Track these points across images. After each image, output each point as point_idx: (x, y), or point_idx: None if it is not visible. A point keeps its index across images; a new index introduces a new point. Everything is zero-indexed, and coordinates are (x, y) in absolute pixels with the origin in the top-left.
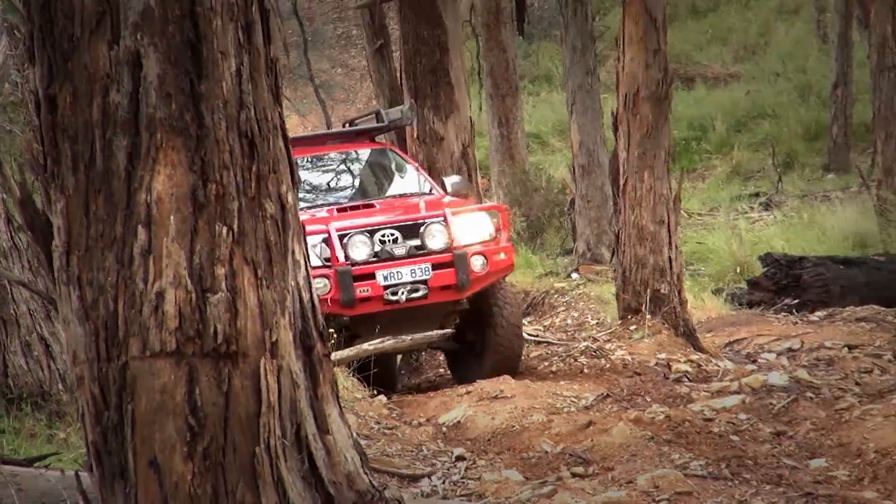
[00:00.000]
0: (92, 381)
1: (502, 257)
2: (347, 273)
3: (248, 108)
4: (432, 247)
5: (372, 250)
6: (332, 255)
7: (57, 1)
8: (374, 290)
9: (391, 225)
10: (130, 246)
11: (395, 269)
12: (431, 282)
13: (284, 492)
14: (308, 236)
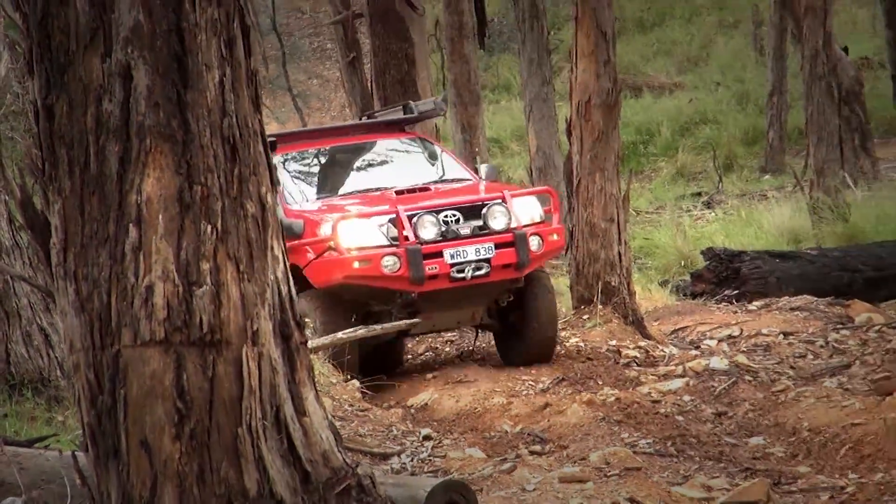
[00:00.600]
0: (87, 367)
1: (555, 238)
2: (417, 251)
3: (231, 115)
4: (494, 227)
5: (439, 230)
6: (399, 234)
7: (53, 18)
8: (441, 267)
9: (455, 206)
10: (122, 243)
11: (461, 247)
12: (494, 260)
13: (265, 469)
14: (375, 217)
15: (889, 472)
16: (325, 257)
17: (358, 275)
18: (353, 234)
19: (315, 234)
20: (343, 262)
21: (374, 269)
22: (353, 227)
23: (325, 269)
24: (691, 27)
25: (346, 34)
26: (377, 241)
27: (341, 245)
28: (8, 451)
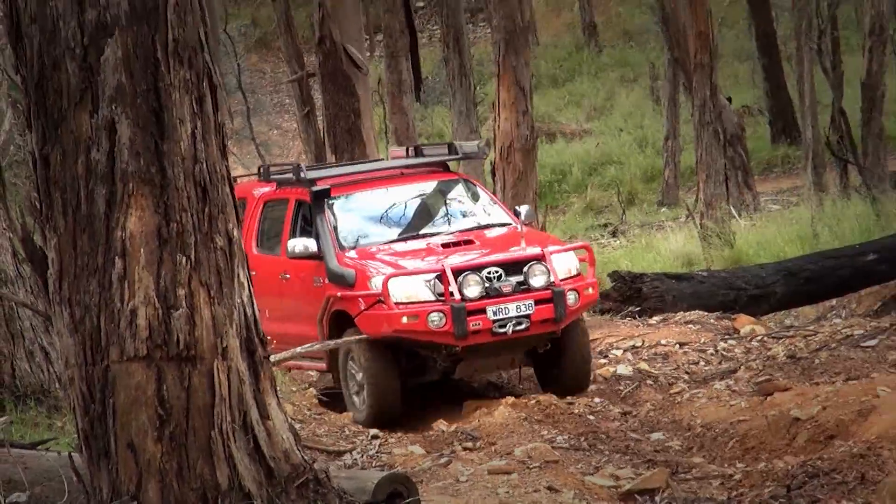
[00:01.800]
0: (81, 380)
1: (590, 292)
2: (462, 309)
3: (202, 162)
4: (535, 285)
5: (482, 287)
6: (445, 291)
7: (48, 80)
8: (484, 324)
9: (498, 263)
10: (109, 273)
11: (503, 304)
12: (533, 316)
13: (234, 466)
14: (422, 274)
15: (770, 462)
16: (375, 309)
17: (406, 329)
18: (402, 291)
19: (366, 287)
20: (392, 317)
21: (420, 324)
22: (402, 284)
23: (375, 321)
24: (597, 81)
25: (301, 91)
26: (424, 296)
27: (391, 300)
28: (14, 452)
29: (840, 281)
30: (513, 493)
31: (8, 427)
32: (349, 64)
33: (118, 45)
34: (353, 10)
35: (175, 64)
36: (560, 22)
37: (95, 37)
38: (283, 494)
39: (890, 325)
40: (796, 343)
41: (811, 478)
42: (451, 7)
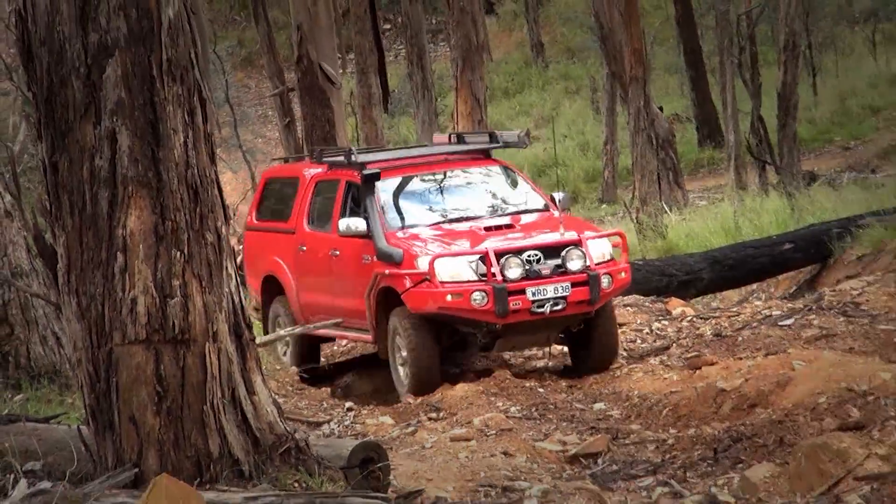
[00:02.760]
0: (87, 362)
1: (623, 276)
2: (503, 290)
3: (193, 167)
4: (572, 268)
5: (523, 269)
6: (488, 272)
7: (56, 95)
8: (523, 303)
9: (538, 247)
10: (112, 266)
11: (542, 286)
12: (570, 297)
13: (225, 436)
14: (467, 255)
15: (699, 428)
16: (421, 287)
17: (450, 306)
18: (447, 270)
19: (413, 266)
20: (437, 295)
21: (464, 302)
22: (447, 264)
23: (420, 298)
24: (544, 93)
25: (282, 104)
26: (468, 276)
27: (436, 279)
28: (29, 426)
29: (760, 267)
30: (472, 457)
31: (24, 403)
32: (324, 79)
33: (118, 64)
34: (328, 32)
35: (168, 81)
36: (511, 41)
37: (98, 57)
38: (268, 461)
39: (804, 307)
40: (722, 323)
41: (735, 442)
42: (415, 29)
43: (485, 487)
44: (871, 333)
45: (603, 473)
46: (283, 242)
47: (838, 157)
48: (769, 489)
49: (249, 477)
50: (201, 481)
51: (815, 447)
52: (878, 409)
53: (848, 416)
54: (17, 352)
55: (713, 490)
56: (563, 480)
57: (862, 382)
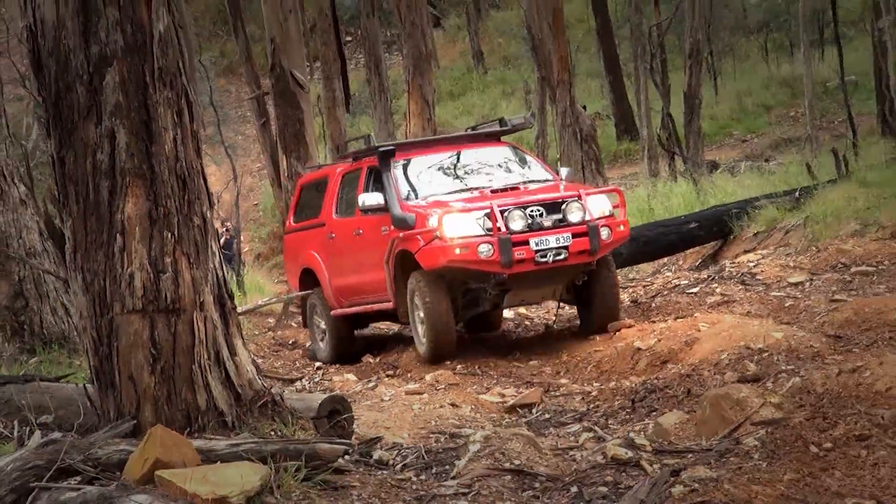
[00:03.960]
0: (92, 329)
1: (621, 229)
2: (507, 240)
3: (182, 160)
4: (572, 220)
5: (526, 222)
6: (493, 226)
7: (63, 99)
8: (527, 253)
9: (539, 203)
10: (112, 246)
11: (544, 237)
12: (571, 247)
13: (211, 392)
14: (473, 211)
15: (619, 381)
16: (432, 244)
17: (459, 259)
18: (454, 226)
19: (424, 226)
20: (446, 249)
21: (471, 254)
22: (454, 220)
23: (432, 254)
24: (484, 95)
25: (259, 106)
26: (475, 231)
27: (445, 234)
28: (42, 385)
29: (670, 244)
30: (424, 408)
31: (37, 365)
32: (295, 85)
33: (116, 72)
34: (297, 44)
35: (160, 86)
36: (455, 50)
37: (98, 66)
38: (248, 413)
39: (708, 277)
40: (638, 291)
41: (650, 393)
42: (372, 41)
43: (435, 434)
44: (764, 299)
45: (537, 421)
46: (316, 236)
47: (736, 149)
48: (679, 433)
49: (232, 427)
50: (191, 431)
51: (717, 397)
52: (772, 364)
53: (746, 370)
54: (32, 321)
55: (631, 435)
56: (502, 427)
57: (757, 341)
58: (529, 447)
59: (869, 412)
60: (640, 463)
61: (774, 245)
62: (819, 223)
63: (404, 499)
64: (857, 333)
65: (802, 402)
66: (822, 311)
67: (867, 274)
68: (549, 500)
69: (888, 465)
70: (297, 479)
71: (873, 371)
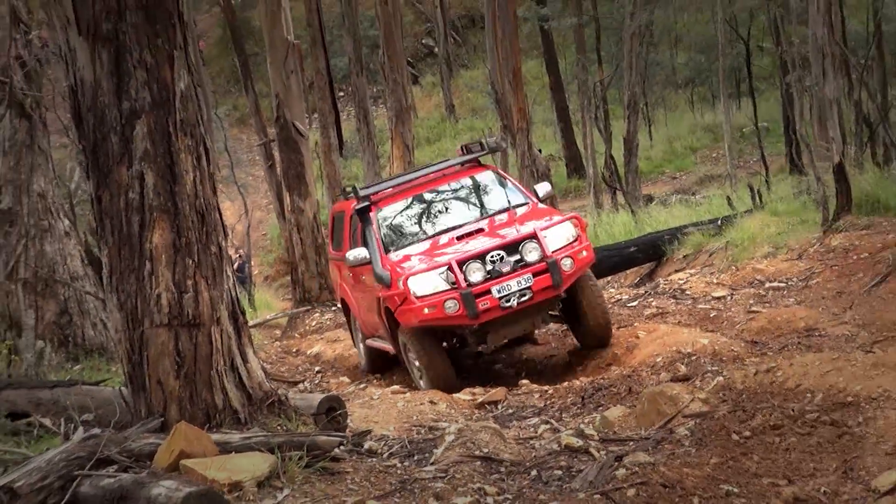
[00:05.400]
0: (126, 341)
1: (584, 255)
2: (469, 294)
3: (200, 198)
4: (530, 260)
5: (485, 271)
6: (456, 279)
7: (100, 147)
8: (491, 302)
9: (497, 247)
10: (142, 271)
11: (505, 282)
12: (534, 286)
13: (226, 393)
14: (434, 269)
15: (571, 381)
16: (405, 304)
17: (429, 317)
18: (419, 285)
19: (397, 286)
20: (416, 309)
21: (439, 311)
22: (419, 281)
23: (406, 315)
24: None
25: (266, 151)
26: (440, 286)
27: (412, 295)
28: (84, 388)
29: (613, 265)
30: (407, 406)
31: (80, 372)
32: (296, 133)
33: (144, 124)
34: (298, 99)
35: (181, 135)
36: (431, 103)
37: (130, 119)
38: (258, 411)
39: (645, 292)
40: None
41: (597, 391)
42: (361, 96)
43: (416, 427)
44: (693, 311)
45: (502, 415)
46: (341, 270)
47: (668, 184)
48: (622, 425)
49: (245, 422)
50: (210, 426)
51: (654, 394)
52: (699, 366)
53: (678, 371)
54: (75, 334)
55: (581, 426)
56: (473, 421)
57: (687, 346)
58: (496, 437)
59: (781, 406)
60: (589, 450)
61: (700, 265)
62: (738, 246)
63: (390, 482)
64: (770, 339)
65: (725, 397)
66: (741, 321)
67: (778, 289)
68: (513, 482)
69: (797, 450)
70: (299, 467)
71: (784, 371)
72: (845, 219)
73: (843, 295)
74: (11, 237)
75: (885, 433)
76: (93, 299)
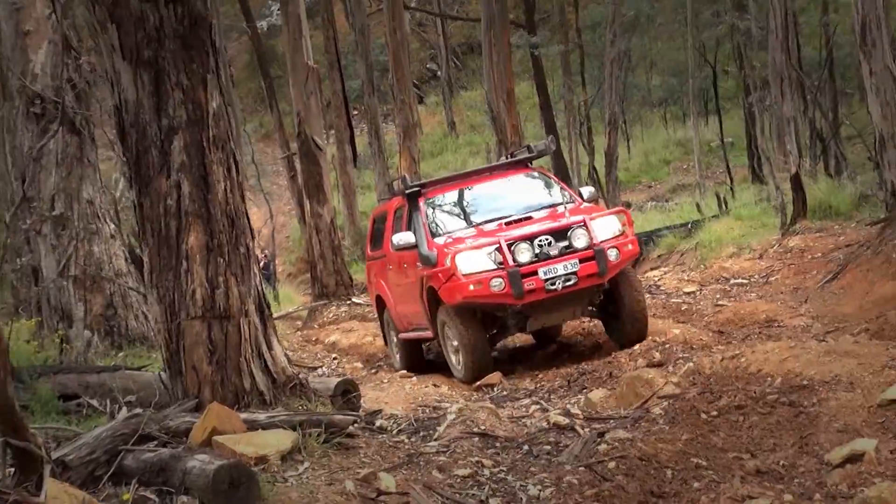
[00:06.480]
0: (164, 331)
1: (630, 248)
2: (516, 273)
3: (231, 204)
4: (578, 246)
5: (533, 253)
6: (503, 259)
7: (141, 159)
8: (537, 283)
9: (546, 232)
10: (179, 269)
11: (552, 265)
12: (580, 272)
13: (253, 377)
14: (483, 248)
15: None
16: (450, 281)
17: (473, 294)
18: (467, 263)
19: (443, 264)
20: (462, 286)
21: (484, 289)
22: (467, 258)
23: (450, 291)
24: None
25: (289, 163)
26: (487, 266)
27: (459, 272)
28: (128, 373)
29: None
30: (413, 388)
31: (124, 359)
32: (315, 147)
33: (181, 139)
34: (317, 117)
35: (214, 149)
36: (434, 120)
37: (168, 134)
38: (282, 393)
39: None
40: None
41: (581, 375)
42: (372, 114)
43: (422, 407)
44: (666, 304)
45: (497, 397)
46: (381, 266)
47: (644, 192)
48: (603, 405)
49: (270, 403)
50: (239, 407)
51: (632, 378)
52: (672, 353)
53: (653, 357)
54: (120, 325)
55: (567, 406)
56: (471, 402)
57: (661, 336)
58: (492, 416)
59: (745, 388)
60: (574, 427)
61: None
62: (706, 247)
63: (399, 456)
64: (735, 329)
65: (695, 381)
66: (709, 313)
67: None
68: (507, 455)
69: (759, 427)
70: (318, 442)
71: (747, 357)
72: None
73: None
74: (63, 239)
75: (836, 413)
76: (135, 294)
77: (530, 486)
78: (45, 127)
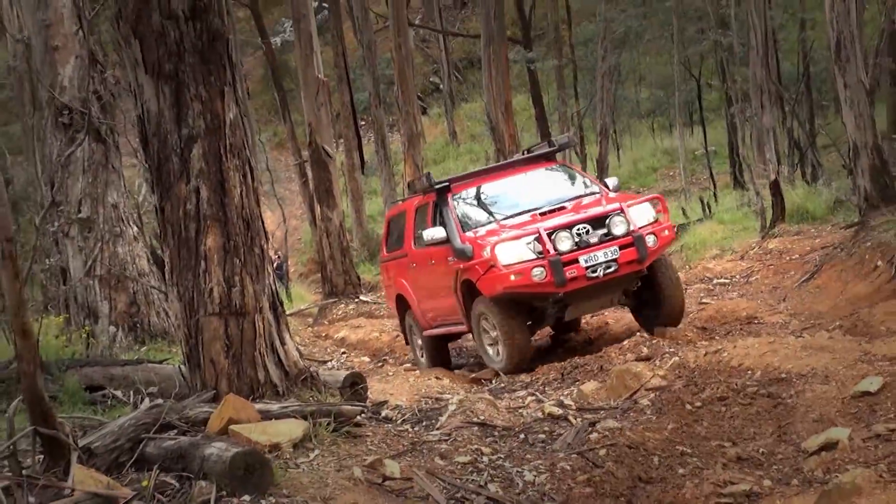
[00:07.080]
0: (184, 327)
1: (666, 233)
2: (558, 261)
3: (246, 208)
4: (616, 233)
5: (573, 241)
6: (544, 249)
7: (163, 166)
8: (578, 271)
9: (584, 220)
10: (198, 269)
11: (592, 253)
12: (620, 259)
13: (267, 370)
14: (522, 238)
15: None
16: (489, 273)
17: (515, 284)
18: (507, 254)
19: (480, 256)
20: (502, 277)
21: (526, 279)
22: (506, 248)
23: (490, 282)
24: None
25: (301, 170)
26: (526, 255)
27: (499, 263)
28: (150, 366)
29: None
30: (417, 381)
31: (146, 352)
32: (325, 155)
33: (200, 147)
34: (327, 127)
35: (230, 157)
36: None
37: (188, 143)
38: (294, 385)
39: None
40: None
41: (574, 369)
42: (379, 124)
43: (424, 398)
44: None
45: (496, 389)
46: (402, 265)
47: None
48: (595, 397)
49: (283, 395)
50: (253, 398)
51: (621, 371)
52: (659, 348)
53: (641, 352)
54: (142, 321)
55: (561, 398)
56: (471, 393)
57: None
58: (490, 407)
59: (727, 381)
60: (567, 417)
61: None
62: (691, 249)
63: (403, 444)
64: (717, 326)
65: (680, 374)
66: (693, 311)
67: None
68: (505, 443)
69: (740, 417)
70: (328, 431)
71: (729, 352)
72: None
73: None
74: (89, 241)
75: (812, 404)
76: (157, 292)
77: (526, 471)
78: (73, 136)
